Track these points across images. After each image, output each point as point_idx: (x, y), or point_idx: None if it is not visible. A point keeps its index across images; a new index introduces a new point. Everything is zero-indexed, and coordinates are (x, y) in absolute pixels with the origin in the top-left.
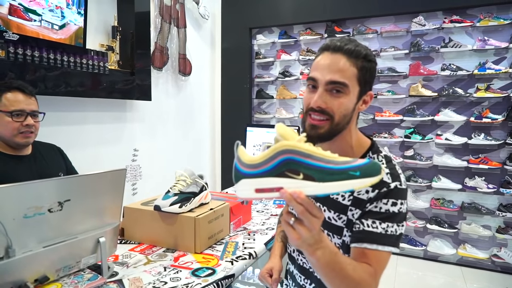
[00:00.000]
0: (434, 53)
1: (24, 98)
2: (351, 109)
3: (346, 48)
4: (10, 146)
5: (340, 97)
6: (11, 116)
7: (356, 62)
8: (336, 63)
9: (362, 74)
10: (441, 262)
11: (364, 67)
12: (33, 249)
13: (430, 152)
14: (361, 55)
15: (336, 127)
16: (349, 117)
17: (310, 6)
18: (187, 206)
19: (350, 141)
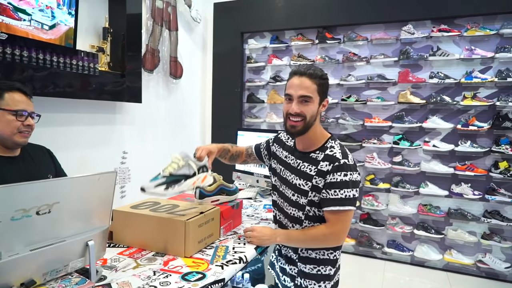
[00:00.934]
0: (423, 61)
1: (25, 99)
2: (315, 112)
3: (308, 73)
4: (4, 146)
5: (308, 105)
6: (15, 115)
7: (316, 81)
8: (303, 83)
9: (320, 88)
10: (427, 267)
11: (321, 84)
12: (19, 253)
13: (418, 159)
14: (317, 76)
15: (308, 124)
16: (315, 117)
17: (302, 12)
18: (174, 188)
19: (315, 133)
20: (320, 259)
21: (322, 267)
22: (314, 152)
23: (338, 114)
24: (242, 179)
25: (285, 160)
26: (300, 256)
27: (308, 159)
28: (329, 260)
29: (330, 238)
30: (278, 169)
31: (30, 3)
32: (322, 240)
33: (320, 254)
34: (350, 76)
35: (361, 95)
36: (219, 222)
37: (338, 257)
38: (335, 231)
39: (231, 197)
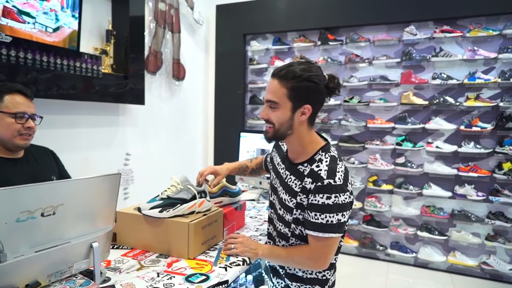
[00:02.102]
0: (425, 62)
1: (25, 101)
2: (286, 119)
3: (279, 74)
4: (6, 148)
5: (275, 111)
6: (15, 118)
7: (286, 83)
8: (271, 86)
9: (292, 93)
10: (431, 269)
11: (295, 87)
12: (24, 254)
13: (421, 160)
14: (290, 77)
15: (278, 132)
16: (288, 125)
17: (304, 13)
18: (169, 212)
19: (300, 143)
20: (307, 278)
21: (309, 286)
22: (302, 164)
23: (340, 116)
24: (245, 181)
25: (277, 168)
26: (286, 272)
27: (295, 172)
28: (317, 280)
29: (310, 263)
30: (272, 176)
31: (34, 6)
32: (303, 264)
33: (307, 273)
34: (352, 77)
35: (363, 97)
36: (222, 223)
37: (329, 277)
38: (316, 258)
39: (234, 199)
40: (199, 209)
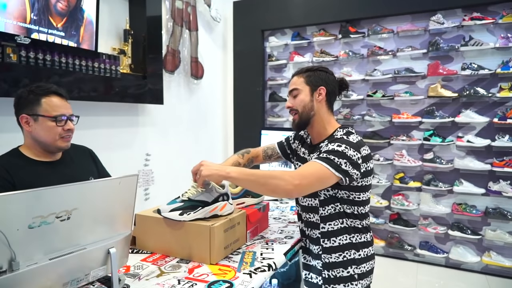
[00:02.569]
0: (454, 52)
1: (62, 102)
2: (307, 102)
3: (296, 72)
4: (47, 151)
5: (297, 97)
6: (55, 121)
7: (302, 75)
8: (292, 82)
9: (308, 79)
10: (464, 270)
11: (309, 75)
12: (38, 262)
13: (451, 155)
14: (303, 70)
15: (303, 116)
16: (310, 106)
17: (323, 6)
18: (190, 215)
19: (322, 124)
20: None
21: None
22: (322, 142)
23: (364, 111)
24: None
25: (303, 157)
26: (323, 247)
27: (317, 149)
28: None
29: (286, 179)
30: (296, 165)
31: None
32: (278, 180)
33: (343, 239)
34: (375, 70)
35: (388, 90)
36: (245, 226)
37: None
38: (291, 176)
39: (257, 200)
40: (221, 213)
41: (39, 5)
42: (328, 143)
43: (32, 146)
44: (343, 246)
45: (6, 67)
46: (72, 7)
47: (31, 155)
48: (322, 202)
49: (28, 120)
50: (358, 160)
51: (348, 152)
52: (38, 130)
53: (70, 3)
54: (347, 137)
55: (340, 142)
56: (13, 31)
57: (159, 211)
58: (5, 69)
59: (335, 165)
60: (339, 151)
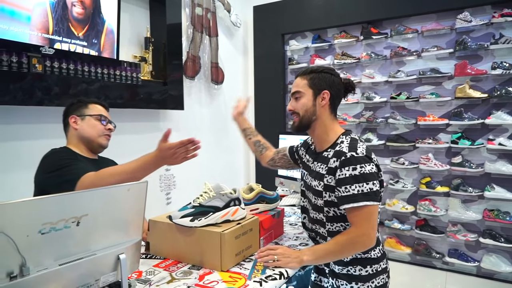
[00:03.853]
0: (483, 51)
1: (104, 110)
2: (309, 105)
3: (299, 73)
4: (89, 148)
5: (300, 100)
6: (99, 119)
7: (306, 76)
8: (295, 83)
9: (311, 82)
10: (497, 280)
11: (312, 77)
12: (48, 267)
13: (481, 159)
14: (307, 72)
15: (303, 119)
16: (312, 110)
17: (344, 8)
18: (201, 220)
19: (325, 130)
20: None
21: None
22: (326, 151)
23: (387, 114)
24: (286, 185)
25: (307, 164)
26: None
27: (321, 158)
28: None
29: (358, 239)
30: (303, 173)
31: None
32: (351, 245)
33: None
34: (399, 72)
35: (412, 92)
36: (258, 232)
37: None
38: (361, 231)
39: (271, 205)
40: (233, 218)
41: (59, 14)
42: (338, 162)
43: (77, 144)
44: (348, 262)
45: (32, 77)
46: (89, 13)
47: (78, 151)
48: (329, 218)
49: (76, 119)
50: (375, 169)
51: (365, 170)
52: (84, 127)
53: (86, 8)
54: (355, 152)
55: (352, 163)
56: (37, 42)
57: (171, 217)
58: (31, 79)
59: (369, 194)
60: (359, 175)
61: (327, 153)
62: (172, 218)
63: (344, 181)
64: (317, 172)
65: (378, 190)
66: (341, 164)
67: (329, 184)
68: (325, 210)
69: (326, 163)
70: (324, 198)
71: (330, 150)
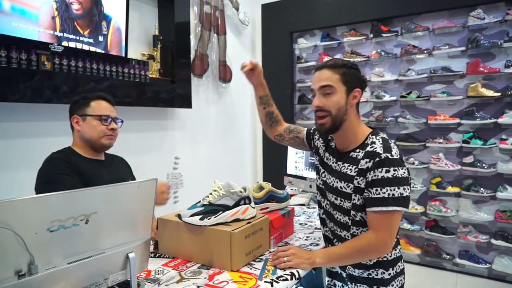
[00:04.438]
0: (496, 49)
1: (109, 106)
2: (342, 104)
3: (328, 64)
4: (93, 149)
5: (331, 97)
6: (100, 120)
7: (338, 70)
8: (322, 75)
9: (344, 78)
10: (509, 282)
11: (345, 73)
12: (57, 266)
13: (493, 159)
14: (339, 65)
15: (336, 119)
16: (344, 110)
17: (353, 5)
18: (210, 219)
19: (353, 130)
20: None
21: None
22: (354, 151)
23: (397, 113)
24: (294, 184)
25: (327, 162)
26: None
27: (348, 159)
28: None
29: (375, 247)
30: (321, 169)
31: None
32: (367, 251)
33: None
34: (410, 70)
35: (423, 91)
36: (268, 232)
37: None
38: (380, 238)
39: (281, 205)
40: (242, 217)
41: (64, 12)
42: (371, 163)
43: (81, 145)
44: (369, 265)
45: (41, 74)
46: (88, 9)
47: (82, 153)
48: (356, 222)
49: (78, 120)
50: (407, 174)
51: (399, 174)
52: (85, 128)
53: (82, 3)
54: (390, 154)
55: (386, 165)
56: (46, 40)
57: (180, 216)
58: (40, 77)
59: (399, 199)
60: (392, 178)
61: (355, 154)
62: (181, 216)
63: (376, 182)
64: (344, 173)
65: (408, 196)
66: (374, 165)
67: (359, 186)
68: (351, 213)
69: (356, 164)
70: (352, 201)
71: (359, 150)
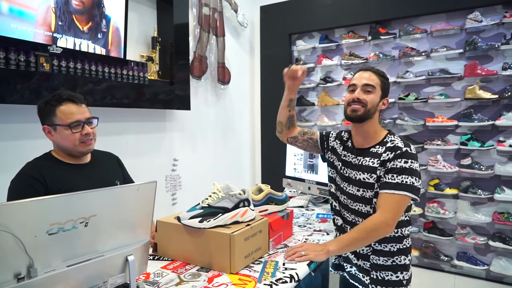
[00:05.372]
0: (494, 51)
1: (76, 108)
2: (376, 103)
3: (373, 69)
4: (72, 155)
5: (370, 94)
6: (70, 129)
7: (380, 78)
8: (368, 75)
9: (383, 85)
10: (507, 284)
11: (383, 81)
12: (56, 269)
13: (491, 161)
14: (381, 74)
15: (368, 112)
16: (375, 109)
17: (352, 7)
18: (209, 221)
19: (373, 128)
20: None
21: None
22: (374, 147)
23: (395, 114)
24: (293, 186)
25: (345, 159)
26: (374, 249)
27: (370, 154)
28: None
29: (379, 225)
30: (338, 165)
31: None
32: (372, 230)
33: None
34: (408, 72)
35: (421, 93)
36: (267, 234)
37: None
38: (384, 218)
39: (280, 207)
40: (242, 219)
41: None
42: (392, 155)
43: (59, 151)
44: (393, 252)
45: (39, 76)
46: (88, 4)
47: (61, 158)
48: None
49: (50, 130)
50: (419, 169)
51: (414, 166)
52: (58, 138)
53: (84, 3)
54: (409, 148)
55: (406, 157)
56: (41, 40)
57: (179, 218)
58: (38, 78)
59: (411, 187)
60: (408, 168)
61: (376, 149)
62: (180, 219)
63: (393, 170)
64: (366, 165)
65: (419, 188)
66: (395, 156)
67: (380, 176)
68: (374, 201)
69: (378, 157)
70: (375, 189)
71: (379, 146)
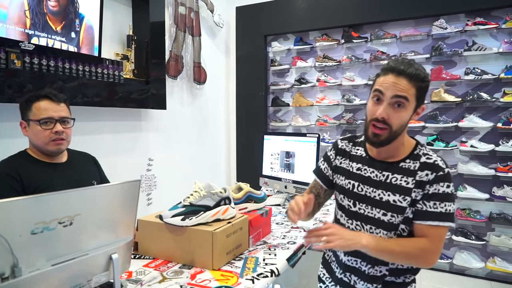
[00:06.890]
0: (457, 57)
1: (52, 106)
2: (406, 121)
3: (409, 72)
4: (44, 154)
5: (400, 111)
6: (39, 125)
7: (415, 84)
8: (400, 83)
9: (418, 93)
10: (468, 276)
11: (421, 87)
12: (41, 268)
13: (454, 160)
14: (420, 78)
15: (394, 134)
16: (404, 126)
17: (326, 11)
18: (192, 219)
19: (401, 142)
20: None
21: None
22: (403, 161)
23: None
24: (270, 185)
25: (359, 174)
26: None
27: (399, 170)
28: None
29: (427, 256)
30: (347, 185)
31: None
32: (417, 256)
33: None
34: None
35: None
36: (247, 231)
37: None
38: (433, 250)
39: (259, 205)
40: (223, 217)
41: (35, 7)
42: (433, 176)
43: (34, 149)
44: (406, 270)
45: (10, 73)
46: (64, 5)
47: (37, 157)
48: (402, 237)
49: (25, 125)
50: None
51: (453, 190)
52: (31, 134)
53: (60, 3)
54: (449, 169)
55: (448, 180)
56: (15, 37)
57: (161, 217)
58: (9, 75)
59: (453, 216)
60: (451, 194)
61: (407, 164)
62: (163, 217)
63: (436, 196)
64: (396, 185)
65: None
66: (438, 179)
67: (416, 199)
68: (400, 228)
69: (413, 176)
70: (405, 214)
71: (410, 161)
